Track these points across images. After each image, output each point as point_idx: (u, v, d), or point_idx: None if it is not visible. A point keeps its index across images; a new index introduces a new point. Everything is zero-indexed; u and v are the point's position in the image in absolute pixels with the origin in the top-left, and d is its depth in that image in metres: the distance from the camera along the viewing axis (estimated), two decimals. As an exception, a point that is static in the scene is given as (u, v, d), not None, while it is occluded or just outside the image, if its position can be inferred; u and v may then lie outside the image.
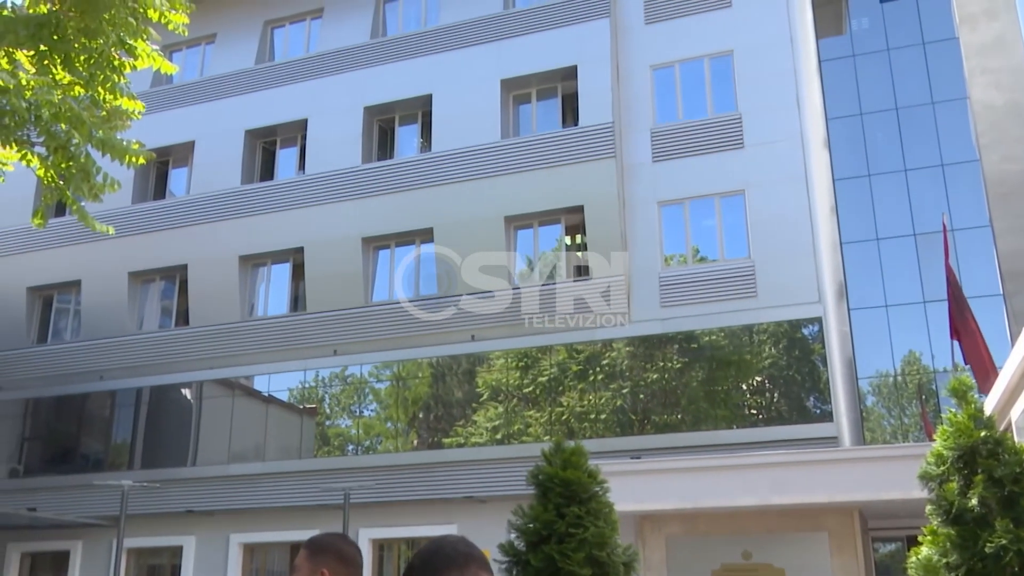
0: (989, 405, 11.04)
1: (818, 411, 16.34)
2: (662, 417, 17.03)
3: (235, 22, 22.36)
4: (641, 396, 17.25)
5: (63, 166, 6.97)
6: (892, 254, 19.15)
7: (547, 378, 17.79)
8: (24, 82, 6.56)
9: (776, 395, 16.92)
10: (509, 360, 18.21)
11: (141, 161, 7.37)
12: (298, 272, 20.09)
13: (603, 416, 17.28)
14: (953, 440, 7.73)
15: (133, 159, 7.26)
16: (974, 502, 7.37)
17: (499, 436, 17.82)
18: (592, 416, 17.34)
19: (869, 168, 19.79)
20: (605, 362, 17.51)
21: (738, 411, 16.90)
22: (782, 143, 17.23)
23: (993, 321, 17.41)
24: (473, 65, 19.47)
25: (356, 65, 20.58)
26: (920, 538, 7.81)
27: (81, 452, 21.39)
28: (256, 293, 20.69)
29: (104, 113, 7.22)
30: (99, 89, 7.14)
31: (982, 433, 7.64)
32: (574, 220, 18.33)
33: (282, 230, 19.98)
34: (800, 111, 17.40)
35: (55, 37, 6.68)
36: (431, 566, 2.13)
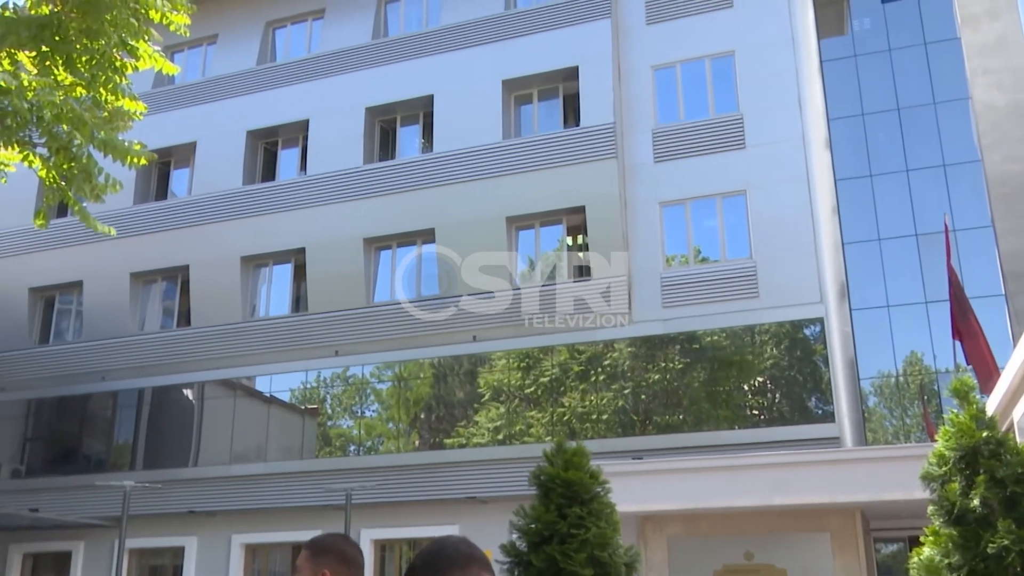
0: (991, 406, 11.03)
1: (820, 412, 16.33)
2: (664, 418, 17.02)
3: (236, 23, 22.37)
4: (643, 397, 17.24)
5: (65, 167, 6.99)
6: (894, 254, 19.13)
7: (549, 378, 17.79)
8: (26, 83, 6.57)
9: (778, 395, 16.91)
10: (511, 360, 18.21)
11: (143, 162, 7.38)
12: (300, 273, 20.10)
13: (605, 417, 17.28)
14: (955, 440, 7.72)
15: (135, 160, 7.27)
16: (976, 502, 7.37)
17: (501, 436, 17.82)
18: (594, 417, 17.34)
19: (871, 168, 19.77)
20: (607, 362, 17.50)
21: (740, 412, 16.90)
22: (784, 143, 17.22)
23: (995, 321, 17.39)
24: (474, 65, 19.48)
25: (357, 66, 20.59)
26: (922, 539, 7.81)
27: (83, 453, 21.40)
28: (258, 294, 20.69)
29: (106, 114, 7.23)
30: (101, 90, 7.15)
31: (984, 434, 7.64)
32: (575, 220, 18.33)
33: (284, 231, 19.99)
34: (802, 111, 17.40)
35: (57, 38, 6.69)
36: (433, 567, 2.13)
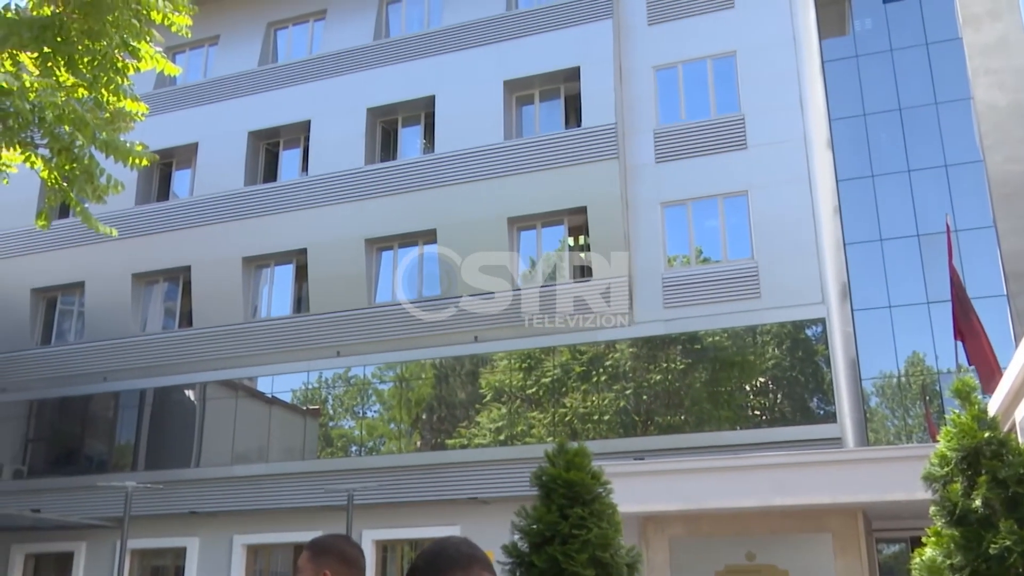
0: (993, 406, 11.02)
1: (822, 412, 16.32)
2: (665, 418, 17.01)
3: (238, 24, 22.39)
4: (644, 397, 17.24)
5: (67, 168, 6.99)
6: (896, 255, 19.10)
7: (550, 379, 17.79)
8: (28, 84, 6.57)
9: (780, 396, 16.90)
10: (512, 361, 18.20)
11: (144, 163, 7.39)
12: (301, 273, 20.11)
13: (606, 417, 17.27)
14: (957, 441, 7.71)
15: (136, 161, 7.28)
16: (978, 503, 7.36)
17: (502, 437, 17.82)
18: (595, 417, 17.33)
19: (872, 169, 19.74)
20: (608, 363, 17.50)
21: (741, 412, 16.89)
22: (785, 144, 17.22)
23: (997, 322, 17.36)
24: (476, 66, 19.48)
25: (359, 66, 20.60)
26: (924, 539, 7.80)
27: (85, 453, 21.41)
28: (259, 294, 20.70)
29: (108, 115, 7.24)
30: (102, 91, 7.16)
31: (986, 434, 7.63)
32: (577, 221, 18.33)
33: (285, 231, 20.00)
34: (803, 112, 17.39)
35: (59, 39, 6.70)
36: (434, 567, 2.13)
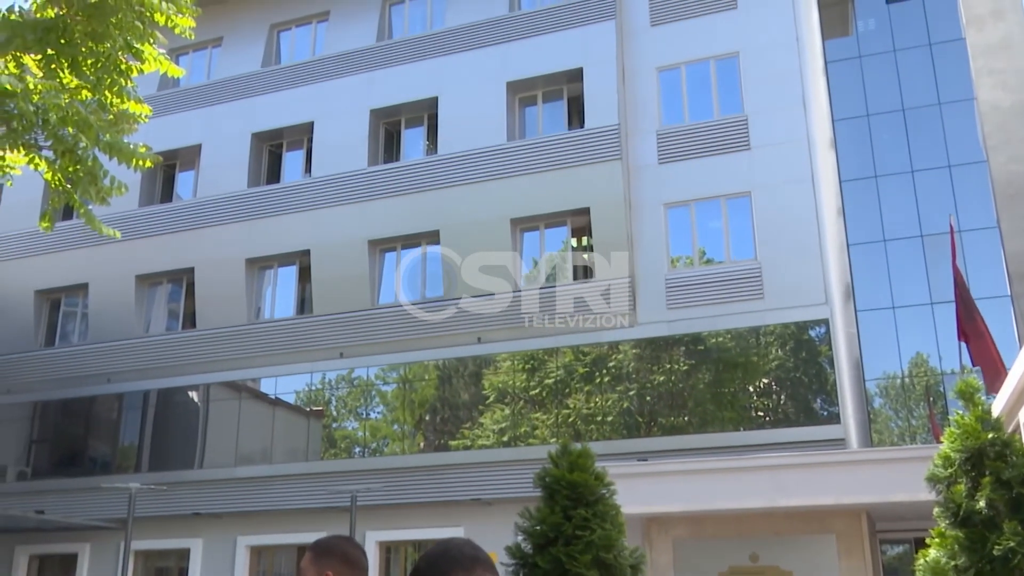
0: (997, 407, 11.01)
1: (825, 413, 16.30)
2: (669, 419, 17.00)
3: (241, 25, 22.41)
4: (648, 398, 17.23)
5: (70, 169, 7.01)
6: (899, 256, 19.07)
7: (553, 380, 17.78)
8: (31, 86, 6.59)
9: (783, 397, 16.88)
10: (515, 362, 18.20)
11: (148, 164, 7.40)
12: (304, 275, 20.12)
13: (610, 418, 17.26)
14: (960, 442, 7.70)
15: (140, 162, 7.29)
16: (982, 504, 7.35)
17: (506, 438, 17.81)
18: (599, 418, 17.32)
19: (876, 169, 19.71)
20: (611, 364, 17.49)
21: (745, 413, 16.87)
22: (788, 144, 17.21)
23: (1001, 323, 17.33)
24: (479, 67, 19.49)
25: (362, 68, 20.61)
26: (928, 540, 7.79)
27: (89, 455, 21.43)
28: (263, 296, 20.72)
29: (111, 117, 7.25)
30: (106, 93, 7.17)
31: (989, 435, 7.62)
32: (580, 222, 18.33)
33: (288, 233, 20.01)
34: (806, 112, 17.38)
35: (62, 41, 6.71)
36: (437, 568, 2.13)
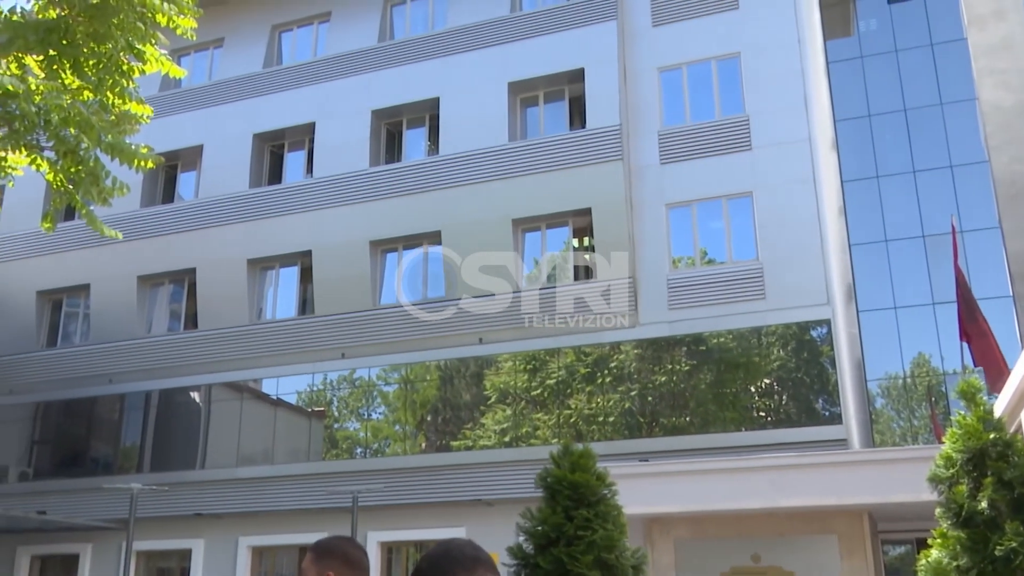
0: (999, 407, 10.99)
1: (827, 413, 16.29)
2: (670, 419, 17.00)
3: (243, 26, 22.43)
4: (649, 399, 17.22)
5: (72, 170, 7.01)
6: (901, 256, 19.06)
7: (555, 381, 17.78)
8: (33, 87, 6.59)
9: (785, 397, 16.88)
10: (517, 363, 18.20)
11: (150, 165, 7.41)
12: (306, 275, 20.13)
13: (611, 419, 17.26)
14: (962, 442, 7.69)
15: (142, 163, 7.30)
16: (984, 505, 7.34)
17: (507, 439, 17.81)
18: (600, 419, 17.32)
19: (877, 170, 19.70)
20: (613, 364, 17.49)
21: (746, 413, 16.86)
22: (790, 145, 17.20)
23: (1003, 323, 17.31)
24: (480, 68, 19.49)
25: (363, 68, 20.62)
26: (930, 541, 7.78)
27: (90, 455, 21.44)
28: (264, 296, 20.73)
29: (113, 117, 7.26)
30: (108, 93, 7.18)
31: (991, 435, 7.61)
32: (582, 222, 18.33)
33: (290, 233, 20.02)
34: (808, 113, 17.37)
35: (64, 42, 6.72)
36: (439, 569, 2.14)
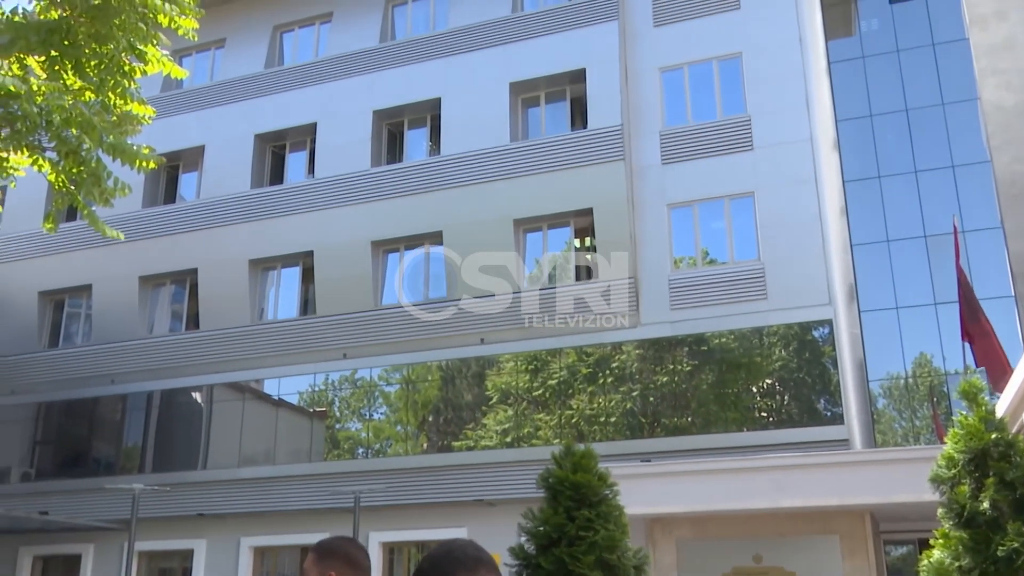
0: (1001, 407, 10.98)
1: (829, 413, 16.28)
2: (672, 420, 16.99)
3: (244, 27, 22.44)
4: (651, 399, 17.21)
5: (74, 171, 7.02)
6: (903, 256, 19.06)
7: (556, 381, 17.78)
8: (35, 87, 6.59)
9: (786, 397, 16.87)
10: (518, 363, 18.20)
11: (151, 165, 7.41)
12: (308, 276, 20.14)
13: (613, 419, 17.25)
14: (964, 443, 7.68)
15: (143, 163, 7.31)
16: (986, 505, 7.33)
17: (509, 439, 17.81)
18: (602, 419, 17.32)
19: (879, 170, 19.70)
20: (615, 365, 17.48)
21: (748, 414, 16.86)
22: (791, 145, 17.19)
23: (1005, 323, 17.31)
24: (482, 68, 19.49)
25: (365, 69, 20.62)
26: (932, 541, 7.78)
27: (92, 456, 21.46)
28: (266, 297, 20.74)
29: (114, 118, 7.27)
30: (109, 94, 7.19)
31: (993, 436, 7.60)
32: (583, 223, 18.33)
33: (292, 234, 20.03)
34: (809, 113, 17.36)
35: (66, 43, 6.73)
36: (440, 569, 2.14)
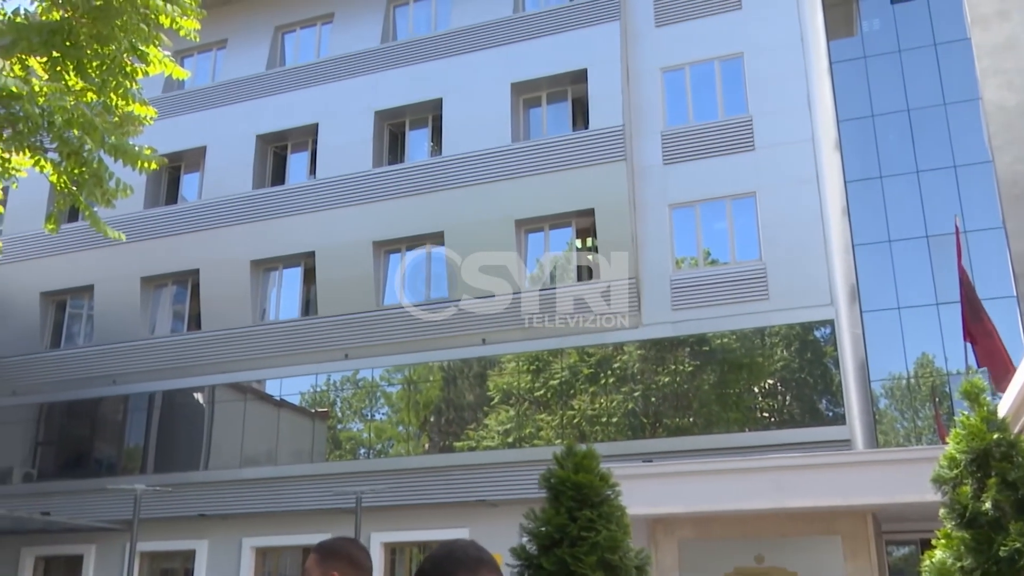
0: (1003, 408, 10.96)
1: (831, 414, 16.27)
2: (674, 420, 16.99)
3: (246, 27, 22.45)
4: (653, 399, 17.21)
5: (76, 172, 7.03)
6: (905, 256, 19.05)
7: (558, 381, 17.77)
8: (37, 88, 6.60)
9: (788, 398, 16.86)
10: (520, 363, 18.20)
11: (153, 166, 7.42)
12: (309, 276, 20.15)
13: (615, 419, 17.25)
14: (966, 443, 7.67)
15: (145, 164, 7.31)
16: (988, 505, 7.32)
17: (511, 440, 17.81)
18: (604, 419, 17.31)
19: (881, 170, 19.68)
20: (616, 365, 17.48)
21: (750, 414, 16.85)
22: (793, 145, 17.18)
23: (1006, 323, 17.29)
24: (483, 69, 19.49)
25: (367, 70, 20.63)
26: (934, 541, 7.76)
27: (94, 456, 21.47)
28: (268, 297, 20.75)
29: (116, 119, 7.27)
30: (111, 95, 7.19)
31: (995, 436, 7.58)
32: (585, 223, 18.32)
33: (293, 234, 20.04)
34: (811, 113, 17.35)
35: (68, 43, 6.73)
36: (442, 570, 2.14)
